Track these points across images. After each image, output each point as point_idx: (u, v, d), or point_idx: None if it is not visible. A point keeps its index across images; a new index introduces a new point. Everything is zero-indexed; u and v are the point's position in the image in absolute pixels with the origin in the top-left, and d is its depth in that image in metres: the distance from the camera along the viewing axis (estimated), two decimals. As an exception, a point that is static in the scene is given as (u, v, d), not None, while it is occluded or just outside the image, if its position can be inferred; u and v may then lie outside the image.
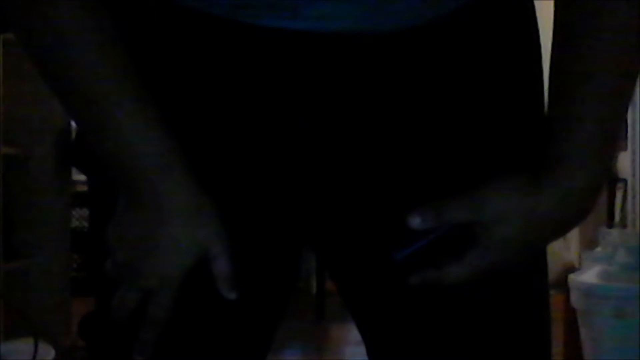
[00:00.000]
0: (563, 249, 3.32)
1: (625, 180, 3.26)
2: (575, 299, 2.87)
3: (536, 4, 0.84)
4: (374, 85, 0.76)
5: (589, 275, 2.85)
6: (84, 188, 4.63)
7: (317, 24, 0.73)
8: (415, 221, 0.74)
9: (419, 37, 0.75)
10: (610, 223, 3.32)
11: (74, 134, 3.61)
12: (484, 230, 0.74)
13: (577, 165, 0.74)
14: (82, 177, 4.29)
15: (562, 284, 2.98)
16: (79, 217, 4.89)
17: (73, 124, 3.28)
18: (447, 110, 0.77)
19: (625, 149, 3.14)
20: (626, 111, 0.78)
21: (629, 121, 3.11)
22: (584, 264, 3.05)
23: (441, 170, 0.78)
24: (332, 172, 0.78)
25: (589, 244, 3.17)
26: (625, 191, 3.27)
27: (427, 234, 0.75)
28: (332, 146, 0.77)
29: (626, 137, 3.13)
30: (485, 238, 0.75)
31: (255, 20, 0.73)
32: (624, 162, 3.19)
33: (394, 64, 0.76)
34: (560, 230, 0.78)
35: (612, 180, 3.30)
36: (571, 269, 3.19)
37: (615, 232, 3.05)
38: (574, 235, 3.30)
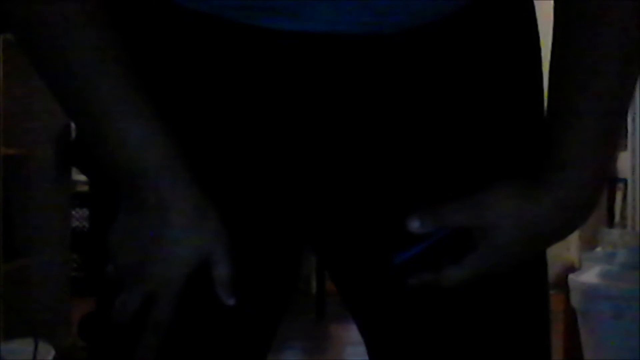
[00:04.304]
0: (563, 249, 3.32)
1: (625, 180, 3.26)
2: (575, 299, 2.87)
3: (536, 4, 0.83)
4: (375, 86, 0.76)
5: (589, 275, 2.85)
6: (84, 188, 4.63)
7: (319, 26, 0.73)
8: (414, 224, 0.74)
9: (419, 39, 0.75)
10: (610, 223, 3.32)
11: (74, 134, 3.61)
12: (483, 234, 0.74)
13: (577, 168, 0.74)
14: (82, 177, 4.29)
15: (562, 284, 2.98)
16: (79, 217, 4.89)
17: (73, 124, 3.28)
18: (446, 114, 0.77)
19: (625, 149, 3.14)
20: (627, 112, 0.78)
21: (629, 121, 3.10)
22: (584, 264, 3.05)
23: (442, 173, 0.78)
24: (332, 173, 0.78)
25: (589, 244, 3.17)
26: (625, 191, 3.27)
27: (426, 238, 0.75)
28: (333, 148, 0.77)
29: (626, 137, 3.13)
30: (485, 242, 0.75)
31: (258, 21, 0.73)
32: (624, 162, 3.19)
33: (393, 66, 0.76)
34: (560, 234, 0.78)
35: (612, 180, 3.30)
36: (571, 269, 3.19)
37: (615, 232, 3.05)
38: (574, 235, 3.29)
